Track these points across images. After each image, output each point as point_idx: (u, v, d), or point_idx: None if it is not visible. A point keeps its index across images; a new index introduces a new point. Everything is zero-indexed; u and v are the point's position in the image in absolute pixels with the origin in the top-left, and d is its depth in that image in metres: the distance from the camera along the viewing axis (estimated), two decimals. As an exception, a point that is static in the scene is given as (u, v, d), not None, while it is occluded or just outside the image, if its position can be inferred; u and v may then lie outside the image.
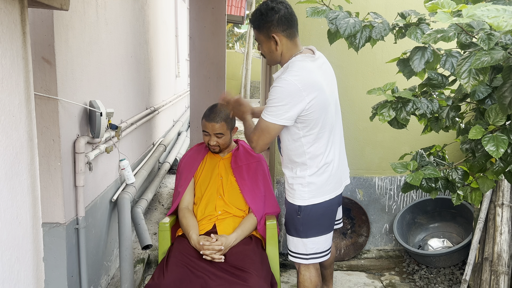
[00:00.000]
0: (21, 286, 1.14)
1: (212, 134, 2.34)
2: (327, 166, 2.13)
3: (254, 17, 2.08)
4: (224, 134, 2.35)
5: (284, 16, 2.05)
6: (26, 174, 1.17)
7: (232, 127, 2.40)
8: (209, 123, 2.32)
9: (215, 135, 2.34)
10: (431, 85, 1.73)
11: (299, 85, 1.96)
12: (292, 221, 2.19)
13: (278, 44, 2.06)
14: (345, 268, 3.30)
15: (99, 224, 2.62)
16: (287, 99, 1.95)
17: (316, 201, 2.13)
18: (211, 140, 2.35)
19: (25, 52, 1.15)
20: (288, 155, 2.15)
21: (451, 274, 3.09)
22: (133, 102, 3.46)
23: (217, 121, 2.31)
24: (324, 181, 2.13)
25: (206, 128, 2.35)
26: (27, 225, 1.18)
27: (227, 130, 2.35)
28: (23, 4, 1.13)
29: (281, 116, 1.96)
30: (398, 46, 2.28)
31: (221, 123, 2.32)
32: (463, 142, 1.68)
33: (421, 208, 3.37)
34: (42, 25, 1.95)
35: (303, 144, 2.09)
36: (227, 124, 2.34)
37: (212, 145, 2.37)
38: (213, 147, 2.38)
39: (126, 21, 3.22)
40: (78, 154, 2.23)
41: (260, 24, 2.06)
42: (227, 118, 2.34)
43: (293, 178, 2.15)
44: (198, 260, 2.12)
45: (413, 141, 3.25)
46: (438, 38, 1.33)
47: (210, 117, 2.32)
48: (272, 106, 1.97)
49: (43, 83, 1.99)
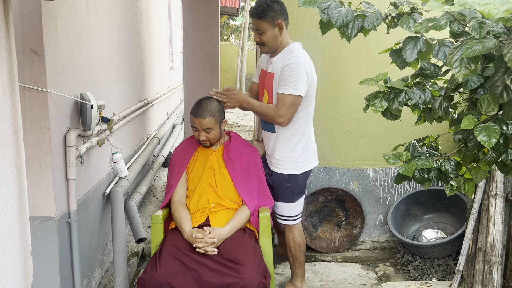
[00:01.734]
0: (8, 279, 1.13)
1: (200, 129, 2.32)
2: (312, 139, 2.60)
3: (260, 8, 2.37)
4: (213, 128, 2.32)
5: (284, 8, 2.45)
6: (11, 167, 1.15)
7: (221, 120, 2.37)
8: (196, 119, 2.30)
9: (204, 130, 2.31)
10: (424, 75, 1.72)
11: (308, 62, 2.42)
12: (281, 189, 2.58)
13: (282, 30, 2.43)
14: (340, 259, 3.31)
15: (92, 218, 2.61)
16: (303, 74, 2.35)
17: (306, 169, 2.56)
18: (201, 135, 2.33)
19: (9, 42, 1.12)
20: (284, 131, 2.49)
21: (445, 264, 3.10)
22: (126, 95, 3.43)
23: (204, 116, 2.29)
24: (312, 151, 2.59)
25: (194, 123, 2.33)
26: (13, 218, 1.16)
27: (215, 124, 2.33)
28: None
29: (303, 88, 2.35)
30: (392, 37, 2.27)
31: (209, 118, 2.29)
32: (456, 133, 1.67)
33: (415, 199, 3.37)
34: (30, 16, 1.92)
35: (299, 118, 2.47)
36: (215, 118, 2.32)
37: (202, 140, 2.35)
38: (204, 142, 2.36)
39: (118, 12, 3.18)
40: (69, 147, 2.20)
41: (266, 13, 2.37)
42: (215, 112, 2.32)
43: (285, 152, 2.51)
44: (191, 253, 2.11)
45: (407, 132, 3.24)
46: (429, 27, 1.31)
47: (197, 113, 2.30)
48: (294, 81, 2.33)
49: (32, 75, 1.96)
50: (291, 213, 2.62)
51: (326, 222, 3.38)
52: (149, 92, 4.45)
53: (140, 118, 3.97)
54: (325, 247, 3.33)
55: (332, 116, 3.22)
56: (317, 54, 3.12)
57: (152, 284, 1.96)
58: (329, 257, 3.31)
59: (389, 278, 3.06)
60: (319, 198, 3.34)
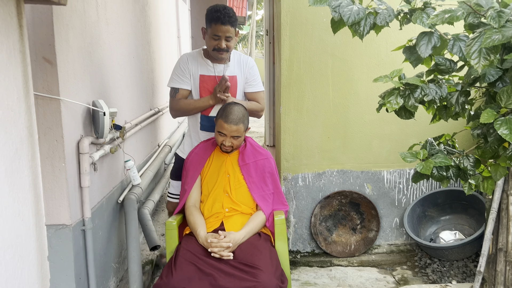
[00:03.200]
0: (25, 285, 1.12)
1: (229, 136, 2.28)
2: None
3: (233, 15, 2.50)
4: (241, 135, 2.30)
5: None
6: (27, 171, 1.14)
7: (246, 127, 2.35)
8: (227, 125, 2.25)
9: (232, 137, 2.29)
10: (439, 70, 1.69)
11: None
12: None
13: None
14: (356, 264, 3.25)
15: (106, 226, 2.60)
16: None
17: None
18: (226, 141, 2.29)
19: (23, 45, 1.12)
20: None
21: (465, 266, 3.03)
22: (137, 103, 3.44)
23: (236, 123, 2.25)
24: None
25: (223, 129, 2.26)
26: (29, 223, 1.15)
27: (243, 131, 2.31)
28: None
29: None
30: (403, 36, 2.24)
31: (240, 125, 2.26)
32: (474, 128, 1.63)
33: (431, 200, 3.32)
34: (41, 25, 1.93)
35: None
36: (244, 126, 2.30)
37: (227, 145, 2.31)
38: (227, 148, 2.33)
39: (127, 21, 3.20)
40: (82, 155, 2.20)
41: (236, 20, 2.53)
42: (245, 120, 2.30)
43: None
44: (207, 258, 2.08)
45: (421, 133, 3.20)
46: (446, 18, 1.29)
47: (229, 119, 2.25)
48: (259, 79, 2.71)
49: (45, 83, 1.97)
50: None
51: (341, 226, 3.33)
52: (160, 100, 4.47)
53: (151, 126, 3.97)
54: (340, 251, 3.29)
55: (344, 118, 3.20)
56: (327, 56, 3.11)
57: (168, 290, 1.94)
58: (345, 262, 3.26)
59: (407, 281, 3.00)
60: (333, 202, 3.30)
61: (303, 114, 3.17)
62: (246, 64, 2.66)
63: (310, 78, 3.13)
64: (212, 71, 2.61)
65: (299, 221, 3.30)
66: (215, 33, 2.48)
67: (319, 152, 3.23)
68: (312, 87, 3.14)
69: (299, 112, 3.16)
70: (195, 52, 2.68)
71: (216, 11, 2.46)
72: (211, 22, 2.48)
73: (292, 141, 3.20)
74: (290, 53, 3.09)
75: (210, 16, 2.48)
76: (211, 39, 2.51)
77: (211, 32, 2.50)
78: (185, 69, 2.61)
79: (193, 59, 2.63)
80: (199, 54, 2.66)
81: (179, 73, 2.63)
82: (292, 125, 3.18)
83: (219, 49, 2.52)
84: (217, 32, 2.47)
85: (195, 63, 2.62)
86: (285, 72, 3.11)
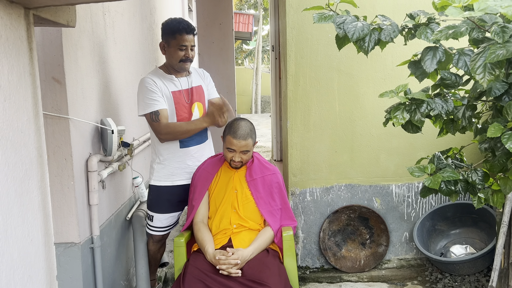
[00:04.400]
0: (34, 305, 1.12)
1: (238, 151, 2.29)
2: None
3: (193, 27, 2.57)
4: (250, 150, 2.31)
5: None
6: (36, 191, 1.16)
7: (254, 141, 2.36)
8: (237, 141, 2.25)
9: (242, 152, 2.29)
10: (445, 85, 1.69)
11: None
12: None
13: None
14: (366, 279, 3.22)
15: (114, 243, 2.60)
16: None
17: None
18: (236, 157, 2.29)
19: (32, 68, 1.14)
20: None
21: (477, 281, 2.98)
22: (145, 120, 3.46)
23: (245, 138, 2.26)
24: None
25: (232, 145, 2.27)
26: (38, 242, 1.16)
27: (252, 146, 2.32)
28: (28, 21, 1.13)
29: None
30: (408, 50, 2.25)
31: (249, 139, 2.27)
32: (482, 142, 1.63)
33: (441, 214, 3.29)
34: (51, 46, 1.97)
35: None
36: (252, 140, 2.31)
37: (236, 161, 2.32)
38: (237, 163, 2.33)
39: (135, 40, 3.25)
40: (91, 173, 2.22)
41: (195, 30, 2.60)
42: (253, 134, 2.31)
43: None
44: (215, 275, 2.08)
45: (428, 146, 3.19)
46: (449, 34, 1.30)
47: (237, 134, 2.26)
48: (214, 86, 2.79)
49: (54, 102, 2.00)
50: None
51: (350, 241, 3.31)
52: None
53: (159, 142, 3.99)
54: (350, 267, 3.26)
55: (351, 132, 3.20)
56: (332, 71, 3.13)
57: (176, 308, 1.93)
58: (355, 277, 3.23)
59: (418, 297, 2.96)
60: (342, 217, 3.28)
61: (310, 129, 3.17)
62: (203, 74, 2.75)
63: (317, 93, 3.14)
64: (178, 86, 2.57)
65: (307, 236, 3.28)
66: (182, 44, 2.49)
67: (327, 166, 3.22)
68: (319, 101, 3.15)
69: (306, 126, 3.17)
70: (154, 73, 2.58)
71: (178, 23, 2.51)
72: (174, 33, 2.48)
73: (300, 155, 3.20)
74: (296, 69, 3.11)
75: (173, 29, 2.49)
76: (177, 51, 2.50)
77: (176, 44, 2.49)
78: (156, 90, 2.49)
79: (158, 79, 2.53)
80: (159, 73, 2.58)
81: (151, 95, 2.47)
82: (299, 140, 3.18)
83: (186, 59, 2.54)
84: (183, 42, 2.50)
85: (161, 83, 2.53)
86: (292, 87, 3.13)
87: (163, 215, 2.62)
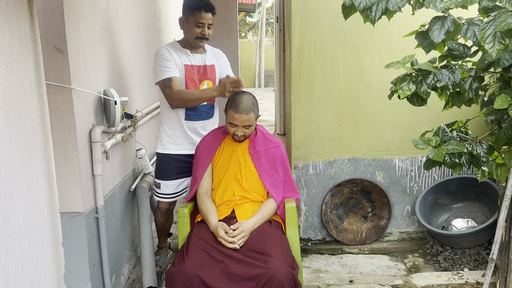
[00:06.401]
0: (40, 270, 1.14)
1: (240, 125, 2.28)
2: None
3: (213, 5, 2.56)
4: (252, 124, 2.30)
5: None
6: (40, 159, 1.16)
7: (257, 115, 2.34)
8: (239, 115, 2.23)
9: (244, 126, 2.28)
10: (452, 56, 1.66)
11: None
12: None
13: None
14: (367, 251, 3.25)
15: (118, 214, 2.63)
16: None
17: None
18: (238, 131, 2.28)
19: (34, 34, 1.13)
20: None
21: (477, 254, 3.01)
22: (148, 92, 3.45)
23: (247, 112, 2.24)
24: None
25: (234, 120, 2.25)
26: (44, 209, 1.17)
27: (254, 120, 2.30)
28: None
29: None
30: (415, 22, 2.21)
31: (251, 114, 2.25)
32: (488, 114, 1.61)
33: (443, 188, 3.29)
34: (52, 14, 1.94)
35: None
36: (255, 114, 2.29)
37: (239, 135, 2.31)
38: (239, 137, 2.32)
39: (137, 10, 3.20)
40: (94, 143, 2.23)
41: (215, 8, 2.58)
42: (255, 108, 2.29)
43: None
44: (218, 245, 2.10)
45: (433, 120, 3.17)
46: (459, 2, 1.27)
47: (239, 109, 2.23)
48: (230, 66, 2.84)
49: (56, 72, 1.99)
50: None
51: (352, 214, 3.33)
52: (170, 89, 4.47)
53: (162, 115, 3.99)
54: (351, 239, 3.29)
55: (356, 106, 3.17)
56: (338, 43, 3.08)
57: (180, 276, 1.96)
58: (356, 249, 3.26)
59: (418, 269, 3.00)
60: (344, 190, 3.29)
61: (314, 102, 3.15)
62: (219, 55, 2.78)
63: (321, 66, 3.10)
64: (192, 61, 2.64)
65: (310, 209, 3.30)
66: (199, 21, 2.51)
67: (330, 140, 3.21)
68: (323, 74, 3.12)
69: (310, 100, 3.15)
70: (171, 44, 2.64)
71: (199, 0, 2.51)
72: (193, 10, 2.51)
73: (303, 129, 3.19)
74: (300, 40, 3.07)
75: (193, 5, 2.52)
76: (194, 27, 2.53)
77: (194, 20, 2.52)
78: (170, 59, 2.55)
79: (174, 50, 2.59)
80: (176, 46, 2.63)
81: (165, 63, 2.54)
82: (302, 113, 3.17)
83: (202, 37, 2.56)
84: (201, 20, 2.51)
85: (176, 54, 2.59)
86: (296, 59, 3.09)
87: (169, 181, 2.70)
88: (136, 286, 2.73)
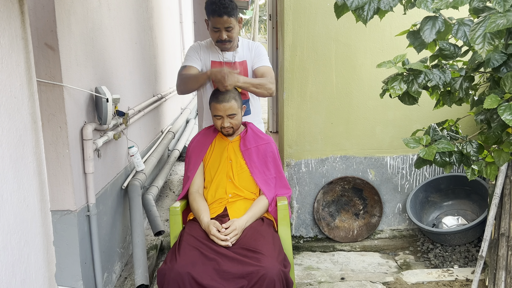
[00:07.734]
0: (31, 269, 1.13)
1: (224, 116, 2.28)
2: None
3: (229, 5, 2.42)
4: (236, 113, 2.30)
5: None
6: (31, 157, 1.15)
7: (241, 105, 2.35)
8: (220, 105, 2.25)
9: (228, 116, 2.28)
10: (443, 55, 1.68)
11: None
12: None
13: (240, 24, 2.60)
14: (359, 249, 3.28)
15: (110, 211, 2.62)
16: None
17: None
18: (225, 122, 2.29)
19: (24, 32, 1.12)
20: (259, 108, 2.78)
21: (467, 251, 3.05)
22: (140, 89, 3.44)
23: (228, 100, 2.25)
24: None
25: (217, 111, 2.27)
26: (35, 208, 1.16)
27: (238, 108, 2.31)
28: (20, -17, 1.09)
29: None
30: (407, 21, 2.22)
31: (232, 101, 2.26)
32: (478, 113, 1.63)
33: (434, 186, 3.32)
34: (43, 11, 1.92)
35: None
36: (237, 103, 2.29)
37: (226, 127, 2.31)
38: (227, 129, 2.32)
39: (129, 6, 3.18)
40: (86, 141, 2.22)
41: (235, 10, 2.46)
42: (236, 96, 2.29)
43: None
44: (210, 243, 2.10)
45: (424, 119, 3.19)
46: (450, 2, 1.28)
47: (220, 99, 2.26)
48: (267, 56, 2.69)
49: (47, 69, 1.97)
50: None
51: (343, 211, 3.35)
52: (162, 86, 4.46)
53: (155, 112, 3.98)
54: (343, 236, 3.31)
55: (348, 104, 3.19)
56: (330, 41, 3.09)
57: (172, 274, 1.96)
58: (348, 247, 3.29)
59: (409, 266, 3.02)
60: (336, 188, 3.31)
61: (306, 100, 3.16)
62: (252, 47, 2.69)
63: (314, 64, 3.11)
64: (221, 58, 2.64)
65: (302, 206, 3.32)
66: (214, 26, 2.47)
67: (322, 138, 3.23)
68: (316, 72, 3.13)
69: (302, 98, 3.16)
70: (208, 41, 2.69)
71: (212, 3, 2.44)
72: (209, 15, 2.48)
73: (295, 127, 3.20)
74: (293, 38, 3.07)
75: (208, 9, 2.47)
76: (212, 32, 2.51)
77: (211, 25, 2.49)
78: (197, 53, 2.63)
79: (205, 47, 2.66)
80: (209, 42, 2.69)
81: (190, 54, 2.64)
82: (295, 111, 3.17)
83: (221, 41, 2.51)
84: (216, 25, 2.46)
85: (206, 50, 2.65)
86: (288, 57, 3.10)
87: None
88: (128, 284, 2.73)
